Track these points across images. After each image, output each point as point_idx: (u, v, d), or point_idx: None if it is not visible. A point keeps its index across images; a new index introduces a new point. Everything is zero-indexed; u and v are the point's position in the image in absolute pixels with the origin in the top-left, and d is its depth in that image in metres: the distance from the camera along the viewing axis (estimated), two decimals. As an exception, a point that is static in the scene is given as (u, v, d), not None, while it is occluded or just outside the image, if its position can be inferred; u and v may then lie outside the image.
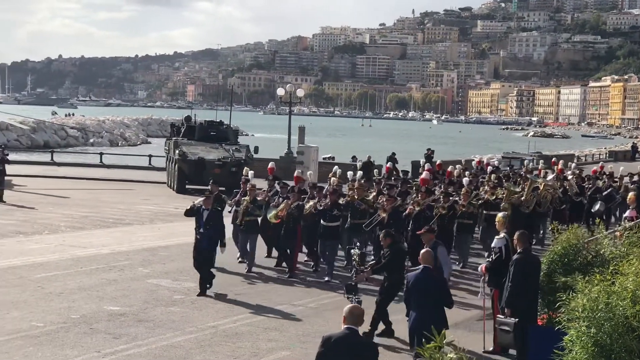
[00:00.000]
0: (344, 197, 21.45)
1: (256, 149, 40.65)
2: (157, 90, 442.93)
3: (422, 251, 12.68)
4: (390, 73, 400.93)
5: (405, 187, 24.04)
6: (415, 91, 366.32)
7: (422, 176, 25.37)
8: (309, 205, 20.24)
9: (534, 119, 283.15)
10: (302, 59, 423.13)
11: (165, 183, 40.93)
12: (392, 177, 28.56)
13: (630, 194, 21.98)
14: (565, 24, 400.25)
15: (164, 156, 44.26)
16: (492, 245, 14.60)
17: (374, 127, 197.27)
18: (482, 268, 14.48)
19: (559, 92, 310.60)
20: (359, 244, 19.69)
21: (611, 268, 9.48)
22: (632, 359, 8.44)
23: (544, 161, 49.24)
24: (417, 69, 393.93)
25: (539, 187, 24.17)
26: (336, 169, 25.79)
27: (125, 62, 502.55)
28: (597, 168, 35.44)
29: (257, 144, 44.33)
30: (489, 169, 31.71)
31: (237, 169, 34.63)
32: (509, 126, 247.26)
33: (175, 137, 40.89)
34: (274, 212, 19.80)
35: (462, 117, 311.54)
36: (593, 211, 25.89)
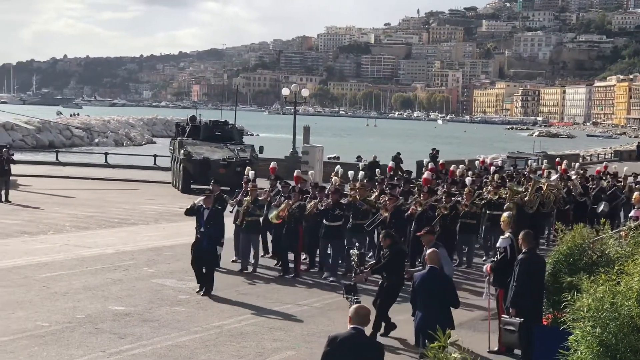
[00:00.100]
0: (346, 197, 21.33)
1: (261, 149, 40.65)
2: (162, 90, 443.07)
3: (428, 251, 12.66)
4: (395, 73, 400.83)
5: (408, 187, 23.92)
6: (420, 91, 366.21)
7: (424, 176, 25.25)
8: (310, 205, 20.18)
9: (539, 118, 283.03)
10: (307, 59, 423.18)
11: (170, 183, 40.97)
12: (395, 177, 28.43)
13: (636, 194, 21.86)
14: (570, 23, 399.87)
15: (169, 156, 44.25)
16: (497, 245, 14.58)
17: (378, 127, 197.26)
18: (487, 268, 14.48)
19: (564, 92, 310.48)
20: (358, 244, 19.61)
21: (616, 268, 9.47)
22: (638, 358, 8.42)
23: (547, 161, 49.10)
24: (422, 68, 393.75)
25: (542, 188, 24.15)
26: (338, 168, 25.71)
27: (130, 62, 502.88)
28: (601, 168, 35.35)
29: (262, 143, 44.35)
30: (492, 168, 31.61)
31: (242, 168, 34.52)
32: (514, 126, 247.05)
33: (180, 137, 40.89)
34: (275, 212, 19.76)
35: (467, 117, 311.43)
36: (597, 212, 25.73)
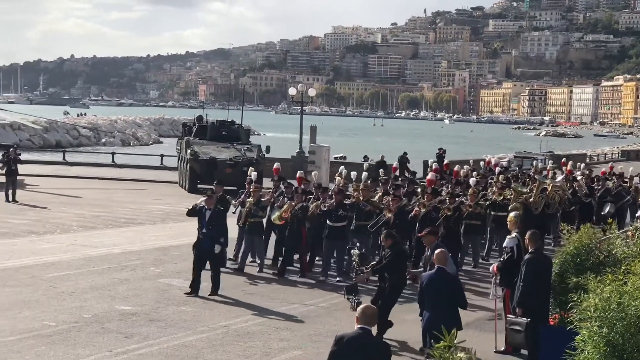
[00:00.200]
0: (349, 198, 21.15)
1: (268, 149, 40.67)
2: (169, 90, 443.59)
3: (436, 251, 12.62)
4: (402, 72, 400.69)
5: (412, 188, 23.83)
6: (427, 91, 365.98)
7: (428, 177, 25.14)
8: (313, 206, 20.11)
9: (546, 118, 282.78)
10: (314, 59, 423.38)
11: (177, 183, 41.02)
12: (399, 178, 28.31)
13: (643, 194, 21.85)
14: (577, 23, 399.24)
15: (176, 156, 44.32)
16: (504, 245, 14.57)
17: (385, 127, 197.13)
18: (493, 268, 14.47)
19: (571, 92, 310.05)
20: (359, 244, 19.54)
21: (623, 268, 9.46)
22: (645, 358, 8.41)
23: (553, 161, 48.97)
24: (428, 68, 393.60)
25: (547, 188, 24.06)
26: (342, 169, 25.65)
27: (137, 62, 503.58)
28: (607, 169, 35.17)
29: (268, 143, 44.37)
30: (497, 169, 31.49)
31: (249, 168, 34.59)
32: (521, 126, 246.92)
33: (187, 137, 40.93)
34: (277, 214, 19.75)
35: (474, 117, 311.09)
36: (603, 214, 25.55)
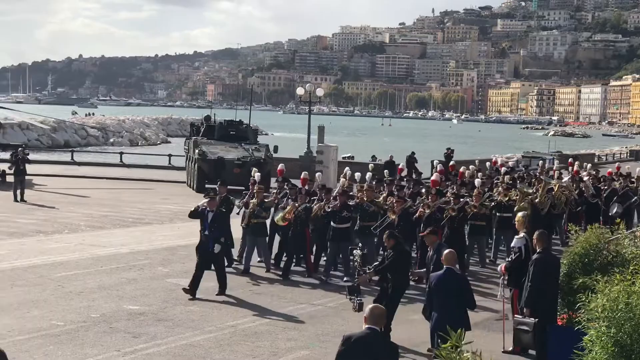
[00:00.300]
0: (354, 199, 21.01)
1: (275, 149, 40.71)
2: (177, 90, 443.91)
3: (445, 252, 12.59)
4: (410, 72, 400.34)
5: (417, 189, 23.73)
6: (435, 90, 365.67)
7: (432, 178, 25.04)
8: (316, 207, 20.06)
9: (555, 118, 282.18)
10: (322, 59, 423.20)
11: (185, 182, 41.08)
12: (404, 178, 28.19)
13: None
14: (585, 22, 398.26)
15: (184, 155, 44.40)
16: (512, 245, 14.54)
17: (393, 127, 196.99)
18: (501, 268, 14.44)
19: (579, 91, 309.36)
20: (361, 244, 19.46)
21: (631, 268, 9.42)
22: (653, 359, 8.38)
23: (559, 161, 48.81)
24: (437, 68, 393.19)
25: (554, 189, 23.97)
26: (347, 170, 25.61)
27: (145, 62, 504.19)
28: (613, 169, 34.94)
29: (276, 143, 44.42)
30: (503, 169, 31.35)
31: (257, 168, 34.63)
32: (529, 125, 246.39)
33: (195, 137, 41.00)
34: (280, 215, 19.74)
35: (482, 117, 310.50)
36: (611, 214, 25.36)
